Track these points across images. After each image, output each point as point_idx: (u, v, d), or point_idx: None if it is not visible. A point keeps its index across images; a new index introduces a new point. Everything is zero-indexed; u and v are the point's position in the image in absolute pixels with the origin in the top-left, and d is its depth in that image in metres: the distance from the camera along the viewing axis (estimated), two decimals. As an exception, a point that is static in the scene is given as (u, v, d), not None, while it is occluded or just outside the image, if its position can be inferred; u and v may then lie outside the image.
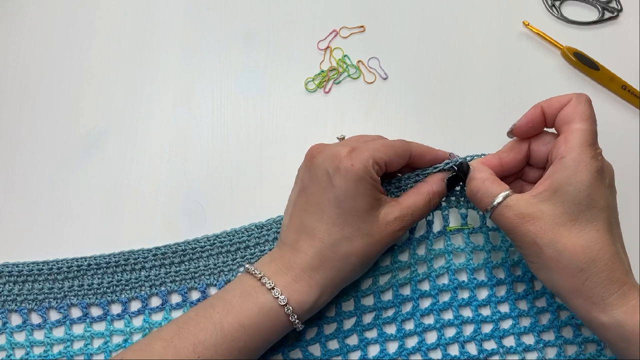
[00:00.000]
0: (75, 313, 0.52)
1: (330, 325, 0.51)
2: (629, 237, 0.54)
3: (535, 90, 0.59)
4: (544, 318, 0.51)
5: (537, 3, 0.62)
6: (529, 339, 0.51)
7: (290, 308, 0.44)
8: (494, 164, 0.47)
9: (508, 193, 0.44)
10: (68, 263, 0.52)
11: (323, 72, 0.60)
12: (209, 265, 0.52)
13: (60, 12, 0.62)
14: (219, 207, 0.55)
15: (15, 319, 0.52)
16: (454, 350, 0.51)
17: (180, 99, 0.59)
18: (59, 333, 0.51)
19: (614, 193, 0.44)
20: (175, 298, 0.52)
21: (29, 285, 0.52)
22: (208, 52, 0.61)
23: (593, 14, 0.62)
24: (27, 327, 0.51)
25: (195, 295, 0.52)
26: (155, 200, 0.56)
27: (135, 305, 0.52)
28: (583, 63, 0.59)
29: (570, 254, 0.41)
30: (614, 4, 0.62)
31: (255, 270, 0.45)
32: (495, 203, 0.44)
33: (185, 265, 0.52)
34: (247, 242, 0.53)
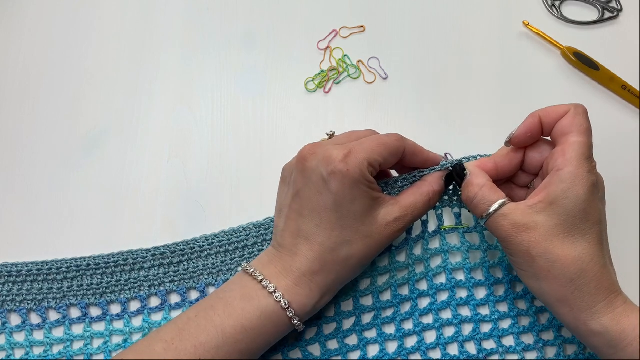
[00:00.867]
0: (75, 313, 0.52)
1: (330, 325, 0.51)
2: (629, 237, 0.54)
3: (535, 90, 0.59)
4: (544, 317, 0.51)
5: (537, 3, 0.62)
6: (529, 339, 0.51)
7: (293, 311, 0.44)
8: (490, 168, 0.47)
9: (504, 201, 0.44)
10: (67, 263, 0.52)
11: (323, 72, 0.60)
12: (208, 265, 0.52)
13: (60, 12, 0.62)
14: (219, 207, 0.55)
15: (15, 319, 0.52)
16: (454, 350, 0.51)
17: (180, 99, 0.59)
18: (59, 333, 0.51)
19: (604, 205, 0.45)
20: (175, 298, 0.52)
21: (29, 286, 0.52)
22: (208, 52, 0.61)
23: (593, 14, 0.62)
24: (26, 327, 0.51)
25: (194, 295, 0.52)
26: (155, 200, 0.56)
27: (135, 306, 0.52)
28: (583, 63, 0.59)
29: (562, 265, 0.42)
30: (614, 4, 0.62)
31: (255, 272, 0.45)
32: (491, 211, 0.44)
33: (184, 266, 0.52)
34: (245, 241, 0.53)
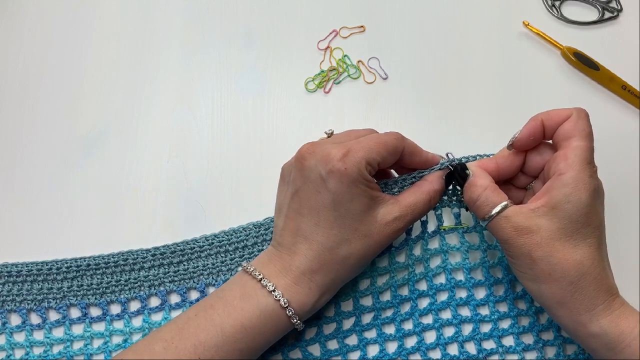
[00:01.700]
0: (75, 313, 0.52)
1: (330, 325, 0.51)
2: (629, 237, 0.54)
3: (535, 90, 0.59)
4: (543, 317, 0.51)
5: (537, 3, 0.62)
6: (529, 339, 0.51)
7: (292, 310, 0.44)
8: (491, 169, 0.47)
9: (507, 204, 0.44)
10: (67, 263, 0.52)
11: (323, 72, 0.60)
12: (208, 265, 0.52)
13: (60, 12, 0.62)
14: (219, 207, 0.55)
15: (15, 319, 0.52)
16: (453, 350, 0.51)
17: (180, 99, 0.59)
18: (59, 333, 0.51)
19: (603, 209, 0.45)
20: (175, 298, 0.52)
21: (29, 286, 0.52)
22: (208, 52, 0.61)
23: (593, 14, 0.62)
24: (26, 327, 0.51)
25: (194, 295, 0.52)
26: (155, 200, 0.56)
27: (135, 306, 0.52)
28: (583, 63, 0.59)
29: (563, 268, 0.42)
30: (614, 4, 0.62)
31: (255, 271, 0.45)
32: (494, 213, 0.44)
33: (184, 266, 0.52)
34: (245, 241, 0.53)
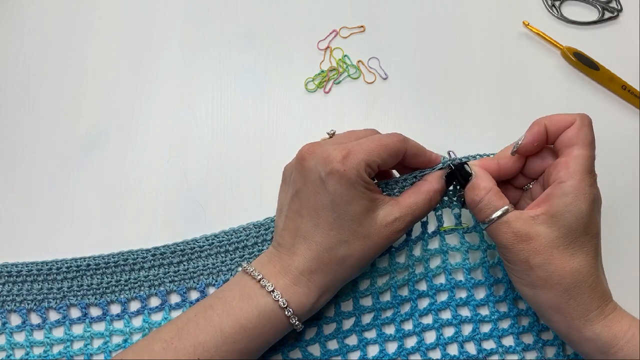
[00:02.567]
0: (75, 313, 0.52)
1: (330, 326, 0.51)
2: (629, 237, 0.54)
3: (535, 90, 0.59)
4: (544, 318, 0.51)
5: (537, 3, 0.62)
6: (528, 339, 0.51)
7: (291, 310, 0.44)
8: (493, 170, 0.47)
9: (508, 208, 0.44)
10: (67, 263, 0.52)
11: (323, 72, 0.60)
12: (208, 265, 0.52)
13: (60, 12, 0.62)
14: (219, 207, 0.55)
15: (15, 319, 0.52)
16: (453, 350, 0.51)
17: (180, 99, 0.59)
18: (59, 333, 0.51)
19: (600, 217, 0.45)
20: (175, 298, 0.52)
21: (29, 286, 0.52)
22: (208, 52, 0.61)
23: (593, 14, 0.62)
24: (26, 327, 0.51)
25: (194, 295, 0.52)
26: (155, 200, 0.56)
27: (135, 306, 0.52)
28: (583, 63, 0.59)
29: (559, 276, 0.42)
30: (614, 4, 0.62)
31: (254, 271, 0.45)
32: (494, 217, 0.44)
33: (184, 266, 0.52)
34: (245, 241, 0.53)
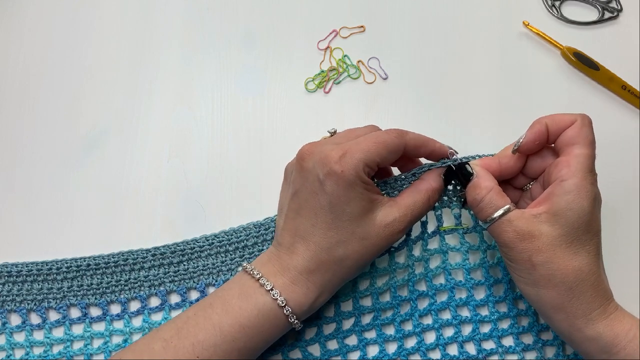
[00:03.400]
0: (75, 313, 0.52)
1: (330, 326, 0.51)
2: (629, 236, 0.54)
3: (535, 90, 0.59)
4: (543, 318, 0.51)
5: (537, 3, 0.62)
6: (528, 339, 0.51)
7: (289, 309, 0.44)
8: (494, 169, 0.47)
9: (509, 207, 0.44)
10: (67, 263, 0.52)
11: (323, 72, 0.60)
12: (208, 265, 0.52)
13: (60, 12, 0.62)
14: (219, 207, 0.55)
15: (15, 319, 0.52)
16: (453, 350, 0.51)
17: (180, 99, 0.59)
18: (59, 333, 0.51)
19: (600, 216, 0.45)
20: (175, 298, 0.52)
21: (29, 286, 0.52)
22: (208, 52, 0.61)
23: (593, 14, 0.62)
24: (26, 327, 0.51)
25: (194, 295, 0.52)
26: (155, 200, 0.56)
27: (135, 306, 0.52)
28: (583, 63, 0.59)
29: (562, 274, 0.42)
30: (614, 4, 0.62)
31: (254, 270, 0.45)
32: (496, 216, 0.44)
33: (184, 266, 0.52)
34: (245, 241, 0.53)
